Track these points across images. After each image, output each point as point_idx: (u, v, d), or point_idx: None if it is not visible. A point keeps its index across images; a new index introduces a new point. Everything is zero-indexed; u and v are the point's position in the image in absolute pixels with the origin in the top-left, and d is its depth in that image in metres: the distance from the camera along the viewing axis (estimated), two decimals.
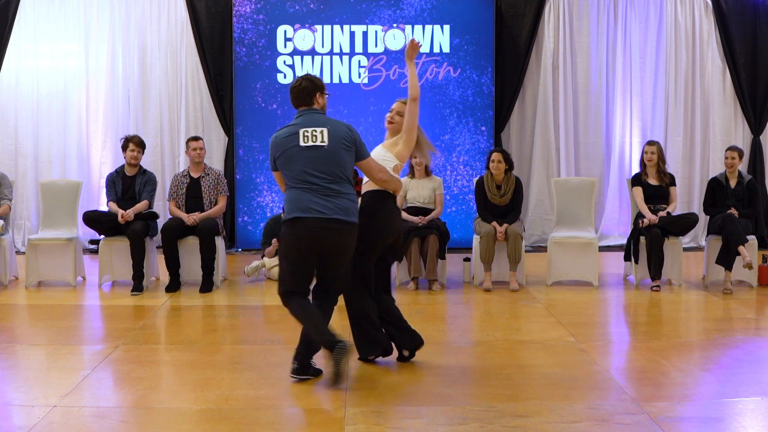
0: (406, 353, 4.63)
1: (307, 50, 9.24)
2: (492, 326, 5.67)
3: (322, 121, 4.28)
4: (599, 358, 4.76)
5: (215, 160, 9.36)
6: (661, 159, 7.18)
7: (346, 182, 4.25)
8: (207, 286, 6.84)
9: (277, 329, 5.67)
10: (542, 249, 8.71)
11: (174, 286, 6.86)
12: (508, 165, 7.03)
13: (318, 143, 4.20)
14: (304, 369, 4.30)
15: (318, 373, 4.32)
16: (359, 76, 9.25)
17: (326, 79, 9.22)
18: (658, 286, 6.82)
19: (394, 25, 9.26)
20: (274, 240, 7.37)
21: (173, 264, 6.89)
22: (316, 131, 4.21)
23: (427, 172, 7.24)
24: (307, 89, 4.34)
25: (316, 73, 9.20)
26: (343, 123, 4.36)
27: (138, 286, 6.77)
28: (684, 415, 3.77)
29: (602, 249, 8.39)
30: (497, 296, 6.66)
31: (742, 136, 9.65)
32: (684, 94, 9.62)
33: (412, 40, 4.59)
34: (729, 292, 6.71)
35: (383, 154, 4.56)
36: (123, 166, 7.19)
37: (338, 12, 9.24)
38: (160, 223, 7.33)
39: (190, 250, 7.03)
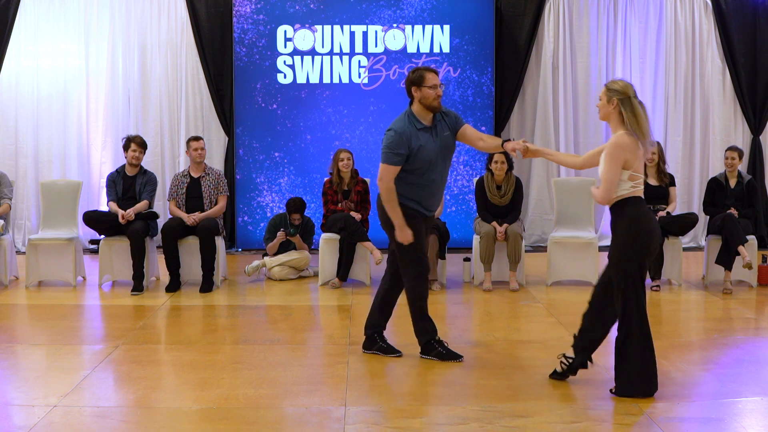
0: None
1: (307, 50, 9.24)
2: (492, 326, 5.67)
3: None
4: (599, 358, 4.76)
5: (215, 160, 9.36)
6: (661, 159, 7.18)
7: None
8: (207, 286, 6.84)
9: (278, 329, 5.68)
10: (542, 249, 8.72)
11: (174, 286, 6.86)
12: (508, 165, 7.03)
13: None
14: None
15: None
16: (359, 76, 9.25)
17: (326, 79, 9.23)
18: (657, 285, 6.82)
19: (394, 25, 9.26)
20: (279, 233, 7.35)
21: (173, 264, 6.89)
22: None
23: None
24: (406, 84, 4.59)
25: (316, 73, 9.21)
26: (394, 122, 4.53)
27: (138, 286, 6.77)
28: (684, 415, 3.77)
29: (602, 249, 8.36)
30: (497, 296, 6.66)
31: (741, 136, 9.64)
32: (684, 94, 9.62)
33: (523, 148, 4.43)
34: (729, 292, 6.71)
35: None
36: (124, 165, 7.20)
37: (338, 12, 9.24)
38: (161, 223, 7.33)
39: (190, 250, 7.03)
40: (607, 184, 3.86)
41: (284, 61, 9.23)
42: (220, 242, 7.15)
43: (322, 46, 9.24)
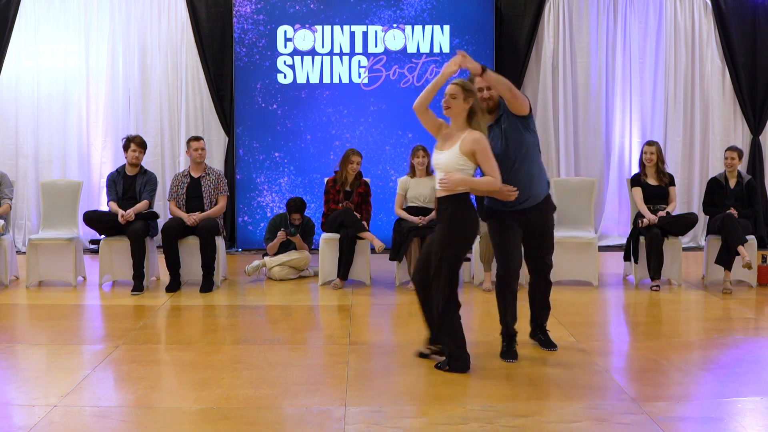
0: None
1: (307, 50, 9.24)
2: (492, 326, 5.66)
3: None
4: (599, 358, 4.77)
5: (215, 160, 9.36)
6: (661, 159, 7.19)
7: None
8: (207, 285, 6.85)
9: (278, 329, 5.68)
10: None
11: (174, 286, 6.86)
12: None
13: None
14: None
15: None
16: (359, 76, 9.26)
17: (326, 79, 9.23)
18: (657, 285, 6.82)
19: (394, 25, 9.26)
20: (279, 233, 7.36)
21: (173, 264, 6.90)
22: None
23: (428, 171, 7.25)
24: None
25: (316, 73, 9.21)
26: None
27: (138, 286, 6.78)
28: (684, 415, 3.78)
29: (602, 249, 8.39)
30: None
31: (741, 136, 9.65)
32: (683, 94, 9.63)
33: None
34: (728, 292, 6.72)
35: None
36: (124, 165, 7.20)
37: (338, 12, 9.24)
38: (161, 223, 7.34)
39: (190, 250, 7.04)
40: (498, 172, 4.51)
41: (284, 61, 9.23)
42: (220, 242, 7.15)
43: (322, 46, 9.24)
